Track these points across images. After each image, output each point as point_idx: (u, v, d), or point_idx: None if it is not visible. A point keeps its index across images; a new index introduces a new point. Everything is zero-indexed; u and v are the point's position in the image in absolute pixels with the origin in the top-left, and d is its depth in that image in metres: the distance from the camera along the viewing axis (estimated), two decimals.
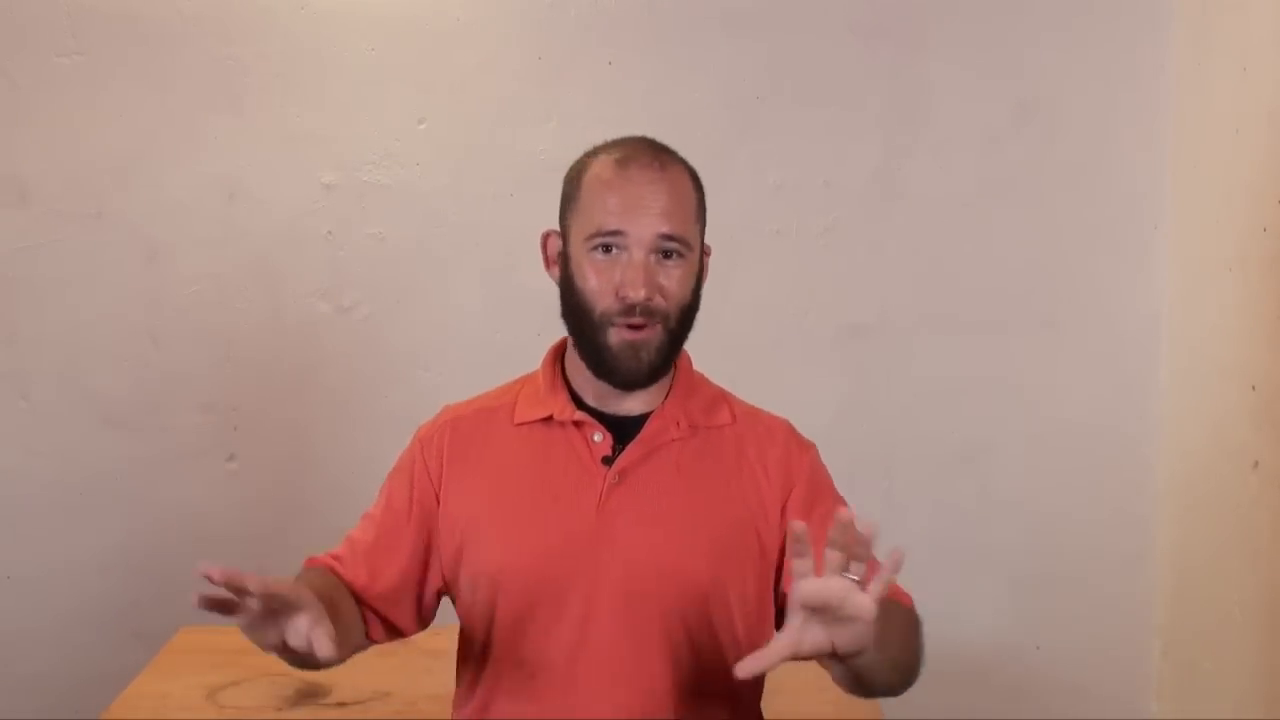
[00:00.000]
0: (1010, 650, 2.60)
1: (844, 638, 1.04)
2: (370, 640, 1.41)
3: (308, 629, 1.10)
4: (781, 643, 1.05)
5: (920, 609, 1.39)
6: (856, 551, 1.02)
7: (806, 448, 1.43)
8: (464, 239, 2.55)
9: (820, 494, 1.40)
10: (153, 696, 1.91)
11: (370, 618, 1.41)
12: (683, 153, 1.41)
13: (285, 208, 2.54)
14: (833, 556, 1.02)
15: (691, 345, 1.46)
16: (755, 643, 1.37)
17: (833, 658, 1.07)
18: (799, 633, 1.04)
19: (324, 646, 1.09)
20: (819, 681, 1.91)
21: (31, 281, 2.55)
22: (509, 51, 2.53)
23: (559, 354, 1.44)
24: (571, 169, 1.39)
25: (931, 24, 2.51)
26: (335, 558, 1.42)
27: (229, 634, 2.11)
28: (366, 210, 2.55)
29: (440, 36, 2.51)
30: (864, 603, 1.01)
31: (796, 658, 1.06)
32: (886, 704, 1.88)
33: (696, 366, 1.48)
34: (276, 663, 2.03)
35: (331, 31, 2.51)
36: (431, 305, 2.57)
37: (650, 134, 1.41)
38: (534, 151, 2.45)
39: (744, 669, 1.04)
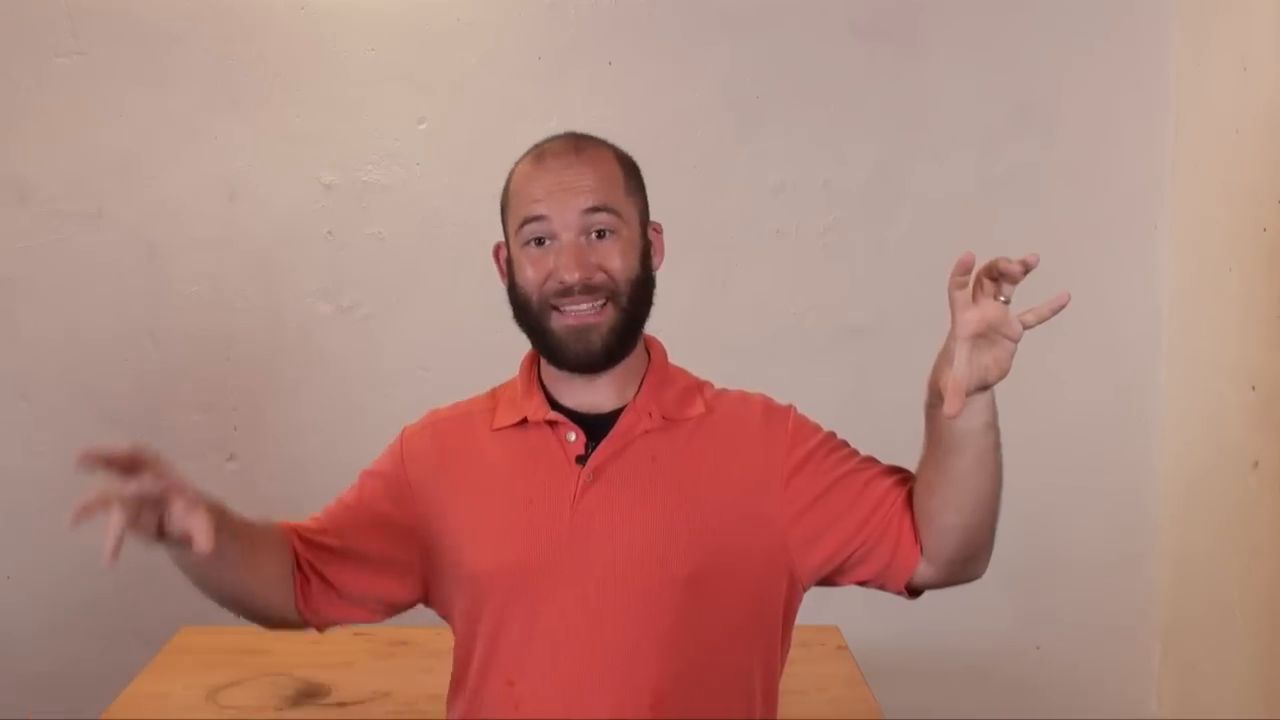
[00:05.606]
0: (1010, 650, 2.60)
1: (998, 360, 1.19)
2: (300, 611, 1.37)
3: (182, 515, 1.12)
4: (960, 373, 1.19)
5: (920, 609, 1.39)
6: (1009, 273, 1.17)
7: (785, 411, 1.43)
8: (464, 239, 2.55)
9: (806, 438, 1.40)
10: (153, 696, 1.91)
11: (307, 574, 1.37)
12: (683, 153, 1.42)
13: (285, 208, 2.54)
14: (988, 285, 1.19)
15: (692, 345, 1.46)
16: (759, 627, 1.37)
17: (981, 391, 1.22)
18: (970, 363, 1.19)
19: (201, 533, 1.11)
20: (819, 681, 1.92)
21: (31, 281, 2.55)
22: (509, 51, 2.53)
23: (536, 358, 1.44)
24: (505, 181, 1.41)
25: (931, 24, 2.51)
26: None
27: (229, 634, 2.13)
28: (366, 210, 2.55)
29: (440, 36, 2.51)
30: (1015, 323, 1.18)
31: (969, 390, 1.19)
32: (886, 705, 1.88)
33: (697, 367, 1.48)
34: (277, 662, 2.04)
35: (331, 31, 2.51)
36: (431, 305, 2.57)
37: (650, 134, 1.42)
38: None
39: (950, 408, 1.18)
